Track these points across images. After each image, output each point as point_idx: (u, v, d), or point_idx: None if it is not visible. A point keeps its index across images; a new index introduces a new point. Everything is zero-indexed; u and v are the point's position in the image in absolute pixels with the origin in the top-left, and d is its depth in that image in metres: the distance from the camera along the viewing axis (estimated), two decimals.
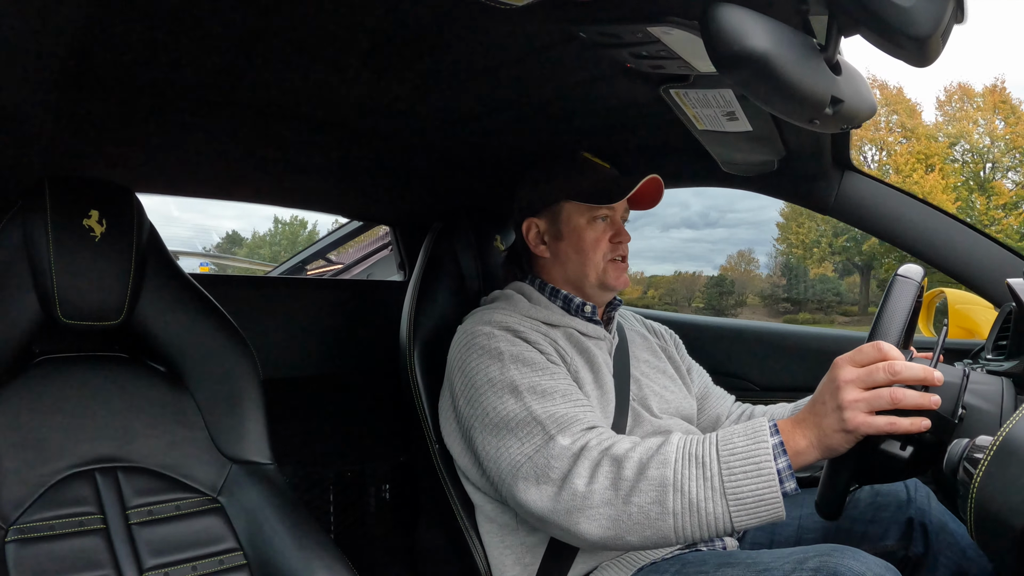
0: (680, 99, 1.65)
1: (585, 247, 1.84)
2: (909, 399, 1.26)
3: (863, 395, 1.28)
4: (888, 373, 1.27)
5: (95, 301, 1.50)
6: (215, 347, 1.67)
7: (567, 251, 1.86)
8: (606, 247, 1.85)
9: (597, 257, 1.84)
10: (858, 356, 1.32)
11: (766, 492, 1.32)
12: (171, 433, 1.59)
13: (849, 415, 1.28)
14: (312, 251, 3.69)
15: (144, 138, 1.78)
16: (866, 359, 1.31)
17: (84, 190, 1.52)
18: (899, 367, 1.27)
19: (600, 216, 1.84)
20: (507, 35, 1.39)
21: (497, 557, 1.74)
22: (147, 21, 1.25)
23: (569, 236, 1.85)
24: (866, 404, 1.27)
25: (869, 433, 1.28)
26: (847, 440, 1.30)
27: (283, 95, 1.66)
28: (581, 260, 1.84)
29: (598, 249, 1.84)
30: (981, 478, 0.96)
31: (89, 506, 1.46)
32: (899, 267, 1.40)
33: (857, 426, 1.28)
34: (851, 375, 1.30)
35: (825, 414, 1.32)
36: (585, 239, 1.84)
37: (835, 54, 1.04)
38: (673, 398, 1.93)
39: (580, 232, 1.84)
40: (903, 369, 1.26)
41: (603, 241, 1.84)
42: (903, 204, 2.23)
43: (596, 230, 1.84)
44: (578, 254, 1.85)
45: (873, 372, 1.28)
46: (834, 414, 1.30)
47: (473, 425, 1.65)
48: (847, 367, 1.32)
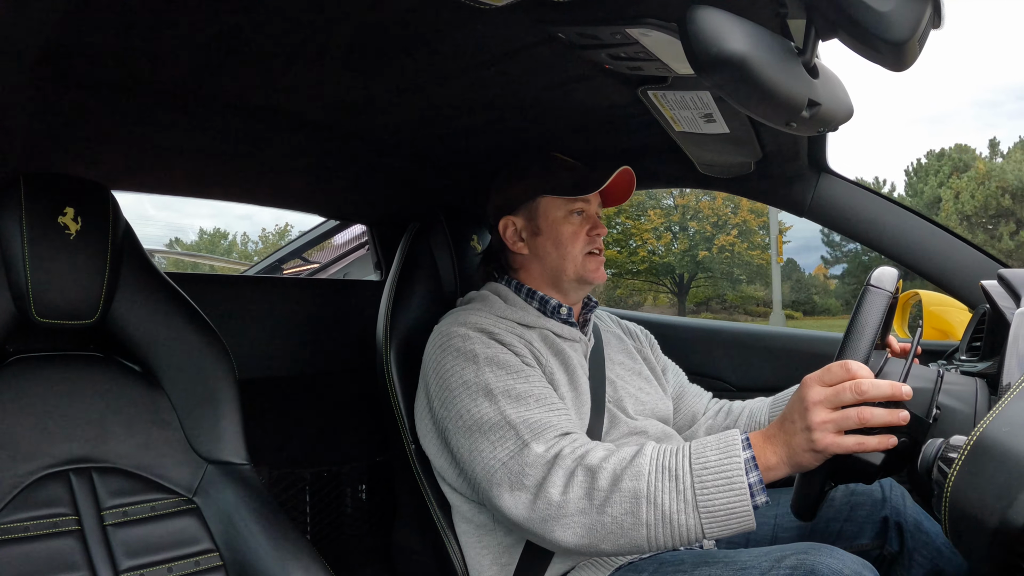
0: (658, 101, 1.65)
1: (564, 240, 1.85)
2: (877, 418, 1.27)
3: (831, 416, 1.29)
4: (855, 393, 1.28)
5: (70, 300, 1.49)
6: (191, 347, 1.66)
7: (545, 246, 1.87)
8: (584, 240, 1.86)
9: (575, 250, 1.85)
10: (826, 376, 1.33)
11: (737, 505, 1.33)
12: (146, 433, 1.58)
13: (818, 436, 1.29)
14: (289, 250, 3.68)
15: (120, 135, 1.76)
16: (834, 379, 1.32)
17: (60, 187, 1.50)
18: (866, 386, 1.28)
19: (576, 210, 1.85)
20: (486, 35, 1.39)
21: (474, 557, 1.74)
22: (124, 18, 1.24)
23: (547, 231, 1.86)
24: (834, 425, 1.29)
25: (838, 452, 1.30)
26: (816, 459, 1.32)
27: (260, 93, 1.65)
28: (560, 254, 1.85)
29: (576, 242, 1.85)
30: (955, 477, 0.97)
31: (63, 507, 1.45)
32: (871, 273, 1.40)
33: (826, 447, 1.29)
34: (819, 396, 1.31)
35: (794, 433, 1.33)
36: (563, 232, 1.85)
37: (813, 57, 1.05)
38: (649, 399, 1.94)
39: (558, 226, 1.85)
40: (870, 388, 1.28)
41: (580, 234, 1.85)
42: (879, 207, 2.24)
43: (573, 223, 1.85)
44: (557, 248, 1.85)
45: (840, 392, 1.30)
46: (803, 434, 1.31)
47: (448, 427, 1.65)
48: (815, 387, 1.33)
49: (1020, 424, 0.95)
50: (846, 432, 1.29)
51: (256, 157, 2.03)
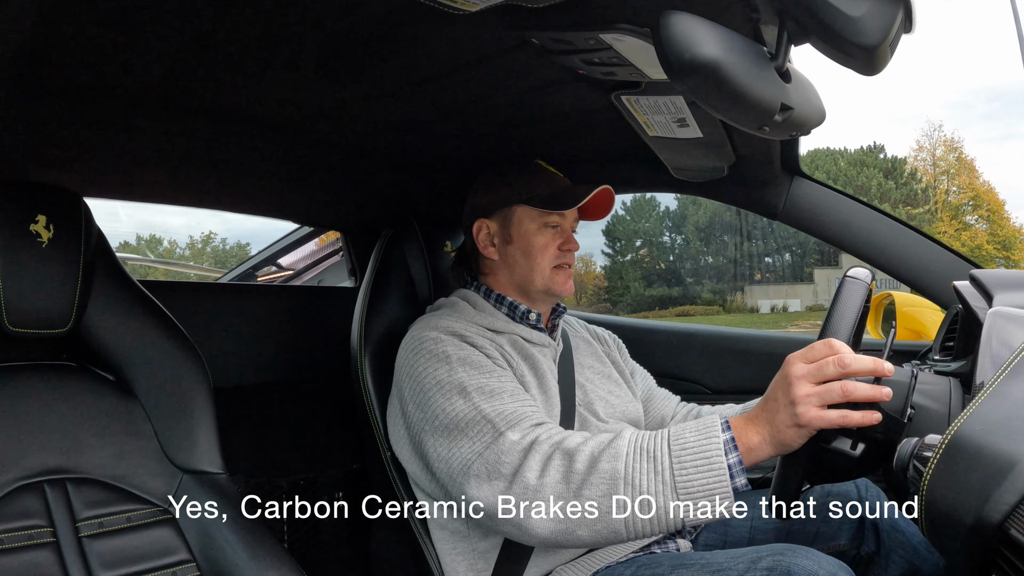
0: (631, 105, 1.66)
1: (534, 252, 1.85)
2: (860, 391, 1.28)
3: (815, 389, 1.30)
4: (838, 367, 1.29)
5: (42, 309, 1.47)
6: (164, 355, 1.64)
7: (515, 255, 1.87)
8: (554, 253, 1.86)
9: (544, 263, 1.85)
10: (809, 353, 1.34)
11: (717, 486, 1.34)
12: (120, 443, 1.56)
13: (802, 410, 1.30)
14: (262, 257, 3.65)
15: (93, 142, 1.74)
16: (817, 355, 1.32)
17: (31, 195, 1.48)
18: (849, 360, 1.29)
19: (551, 223, 1.85)
20: (459, 40, 1.39)
21: (450, 564, 1.73)
22: (96, 22, 1.22)
23: (519, 240, 1.86)
24: (818, 398, 1.29)
25: (822, 427, 1.30)
26: (800, 435, 1.32)
27: (234, 99, 1.64)
28: (529, 265, 1.85)
29: (546, 255, 1.85)
30: (931, 476, 0.98)
31: (39, 519, 1.43)
32: (848, 269, 1.42)
33: (810, 420, 1.29)
34: (802, 371, 1.32)
35: (777, 410, 1.34)
36: (534, 244, 1.85)
37: (785, 62, 1.05)
38: (619, 402, 1.95)
39: (530, 237, 1.85)
40: (853, 362, 1.29)
41: (551, 247, 1.86)
42: (851, 209, 2.26)
43: (546, 236, 1.85)
44: (526, 259, 1.85)
45: (823, 367, 1.30)
46: (787, 409, 1.32)
47: (424, 428, 1.64)
48: (798, 363, 1.33)
49: (994, 422, 0.96)
50: (830, 406, 1.30)
51: (229, 163, 2.02)
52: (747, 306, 34.92)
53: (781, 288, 33.13)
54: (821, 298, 32.79)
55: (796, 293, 32.58)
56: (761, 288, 33.03)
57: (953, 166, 40.15)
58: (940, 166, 40.55)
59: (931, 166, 40.65)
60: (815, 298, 32.62)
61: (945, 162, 40.45)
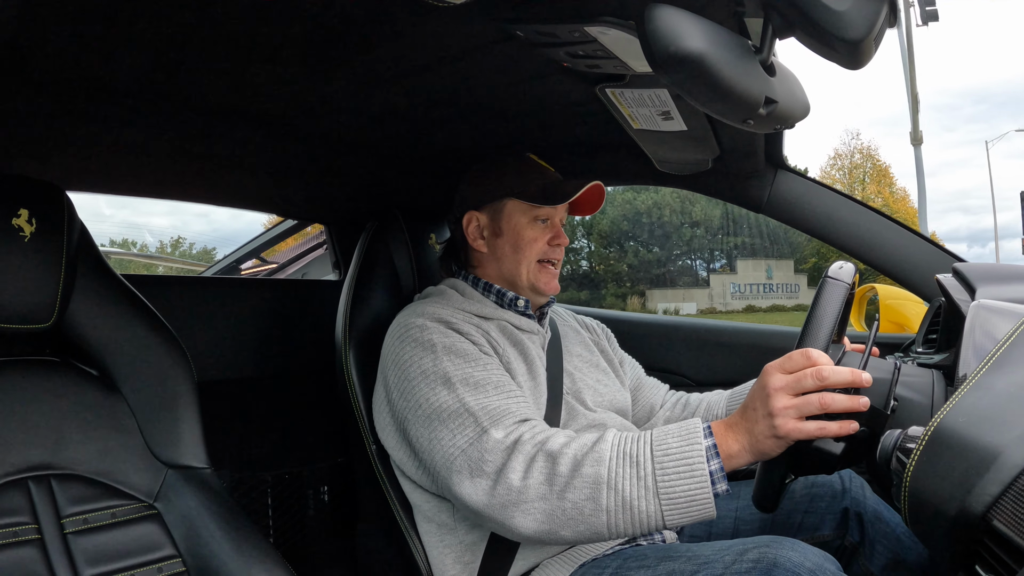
0: (616, 98, 1.66)
1: (522, 245, 1.85)
2: (838, 403, 1.29)
3: (793, 401, 1.31)
4: (816, 379, 1.30)
5: (24, 303, 1.45)
6: (148, 349, 1.63)
7: (504, 248, 1.87)
8: (542, 248, 1.86)
9: (531, 257, 1.85)
10: (787, 363, 1.35)
11: (698, 493, 1.34)
12: (104, 439, 1.55)
13: (780, 422, 1.31)
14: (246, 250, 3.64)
15: (76, 135, 1.73)
16: (795, 366, 1.34)
17: (13, 188, 1.47)
18: (827, 372, 1.30)
19: (541, 217, 1.85)
20: (443, 33, 1.38)
21: (437, 557, 1.73)
22: (79, 15, 1.22)
23: (508, 233, 1.86)
24: (796, 410, 1.31)
25: (800, 439, 1.32)
26: (778, 445, 1.33)
27: (217, 92, 1.63)
28: (516, 259, 1.85)
29: (534, 249, 1.85)
30: (914, 467, 0.99)
31: (23, 516, 1.42)
32: (829, 266, 1.42)
33: (788, 432, 1.31)
34: (780, 382, 1.33)
35: (756, 420, 1.35)
36: (523, 238, 1.85)
37: (770, 56, 1.06)
38: (607, 391, 1.96)
39: (519, 231, 1.85)
40: (831, 374, 1.30)
41: (540, 242, 1.86)
42: (835, 202, 2.27)
43: (535, 230, 1.85)
44: (515, 252, 1.85)
45: (801, 379, 1.32)
46: (765, 421, 1.33)
47: (407, 417, 1.64)
48: (776, 374, 1.35)
49: (976, 414, 0.97)
50: (808, 418, 1.31)
51: (213, 156, 2.01)
52: (647, 308, 35.35)
53: (679, 292, 33.76)
54: (716, 302, 33.76)
55: (692, 297, 33.49)
56: (660, 292, 33.63)
57: (868, 173, 40.86)
58: (854, 174, 41.16)
59: (846, 174, 41.31)
60: (710, 301, 33.47)
61: (860, 170, 41.18)
